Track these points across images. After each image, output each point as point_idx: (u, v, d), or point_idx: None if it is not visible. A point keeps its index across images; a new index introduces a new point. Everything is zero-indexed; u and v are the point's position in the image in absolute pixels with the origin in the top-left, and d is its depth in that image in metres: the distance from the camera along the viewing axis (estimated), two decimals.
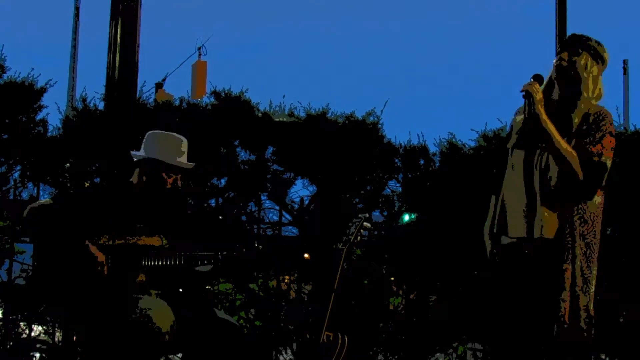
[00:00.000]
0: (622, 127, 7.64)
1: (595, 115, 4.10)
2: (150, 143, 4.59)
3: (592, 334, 4.04)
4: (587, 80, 4.15)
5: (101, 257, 4.23)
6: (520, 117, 4.24)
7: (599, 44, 4.25)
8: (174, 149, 4.56)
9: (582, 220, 4.05)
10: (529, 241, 4.04)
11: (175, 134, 4.64)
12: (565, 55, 4.17)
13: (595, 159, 4.02)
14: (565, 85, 4.16)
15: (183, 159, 4.57)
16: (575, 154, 4.00)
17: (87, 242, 4.24)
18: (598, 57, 4.21)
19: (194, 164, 4.62)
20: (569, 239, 4.02)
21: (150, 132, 4.67)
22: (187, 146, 4.63)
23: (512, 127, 4.34)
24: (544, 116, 3.97)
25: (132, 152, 4.65)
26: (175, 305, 4.32)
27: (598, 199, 4.11)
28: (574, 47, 4.17)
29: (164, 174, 4.52)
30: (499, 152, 4.39)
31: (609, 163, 4.06)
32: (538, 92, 3.97)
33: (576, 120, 4.09)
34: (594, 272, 4.07)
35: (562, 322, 3.98)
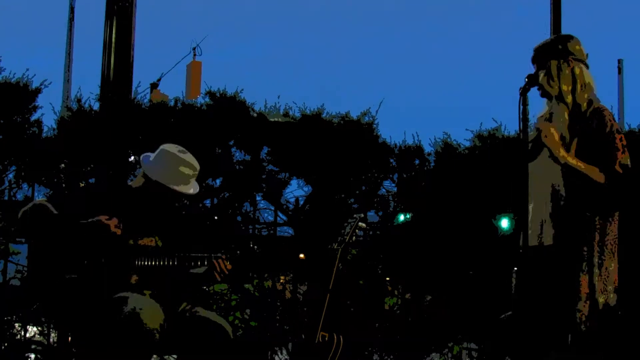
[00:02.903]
0: None
1: (598, 112, 4.10)
2: (164, 164, 4.49)
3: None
4: (568, 85, 4.14)
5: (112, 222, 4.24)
6: (531, 132, 4.24)
7: (564, 39, 4.24)
8: (185, 176, 4.49)
9: (603, 225, 4.07)
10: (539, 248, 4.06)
11: (190, 158, 4.53)
12: (540, 73, 4.13)
13: (619, 169, 4.04)
14: (551, 99, 4.13)
15: (191, 186, 4.53)
16: (601, 174, 4.00)
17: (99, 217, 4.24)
18: (567, 53, 4.18)
19: (198, 189, 4.58)
20: (586, 248, 4.03)
21: (165, 148, 4.55)
22: (199, 171, 4.58)
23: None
24: (569, 158, 3.98)
25: (141, 158, 4.57)
26: (168, 306, 4.32)
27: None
28: (541, 62, 4.14)
29: (169, 199, 4.50)
30: (494, 152, 4.40)
31: (628, 161, 4.09)
32: (554, 134, 3.95)
33: (565, 126, 4.09)
34: (614, 267, 4.10)
35: (579, 328, 4.01)
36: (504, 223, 7.16)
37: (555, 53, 4.17)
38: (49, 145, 7.20)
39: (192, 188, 4.53)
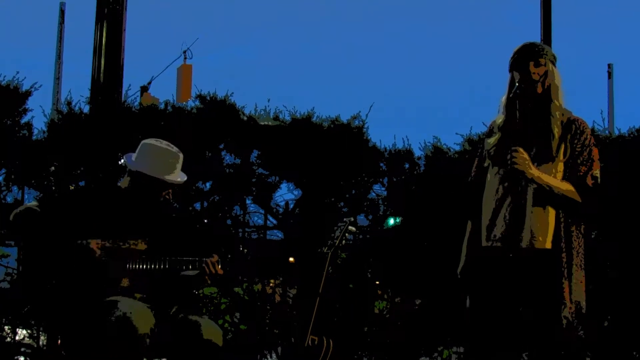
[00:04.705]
0: (606, 131, 7.67)
1: (576, 125, 4.12)
2: (146, 156, 4.50)
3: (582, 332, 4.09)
4: (557, 87, 4.15)
5: (96, 249, 4.25)
6: (491, 139, 4.28)
7: (547, 46, 4.30)
8: (169, 165, 4.50)
9: (578, 233, 4.09)
10: (514, 249, 4.07)
11: (171, 147, 4.56)
12: (532, 67, 4.14)
13: (590, 182, 4.06)
14: (537, 97, 4.13)
15: (176, 175, 4.54)
16: (572, 188, 4.02)
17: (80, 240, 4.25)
18: (554, 59, 4.22)
19: (186, 177, 4.60)
20: (565, 253, 4.04)
21: (146, 142, 4.57)
22: (182, 159, 4.59)
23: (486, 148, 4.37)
24: (541, 178, 3.99)
25: (125, 158, 4.58)
26: (159, 309, 4.31)
27: None
28: (536, 57, 4.16)
29: (157, 190, 4.50)
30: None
31: (599, 174, 4.12)
32: (527, 159, 3.96)
33: (556, 130, 4.09)
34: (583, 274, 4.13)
35: (562, 329, 4.01)
36: None
37: (551, 55, 4.20)
38: (39, 148, 7.20)
39: (179, 176, 4.55)
